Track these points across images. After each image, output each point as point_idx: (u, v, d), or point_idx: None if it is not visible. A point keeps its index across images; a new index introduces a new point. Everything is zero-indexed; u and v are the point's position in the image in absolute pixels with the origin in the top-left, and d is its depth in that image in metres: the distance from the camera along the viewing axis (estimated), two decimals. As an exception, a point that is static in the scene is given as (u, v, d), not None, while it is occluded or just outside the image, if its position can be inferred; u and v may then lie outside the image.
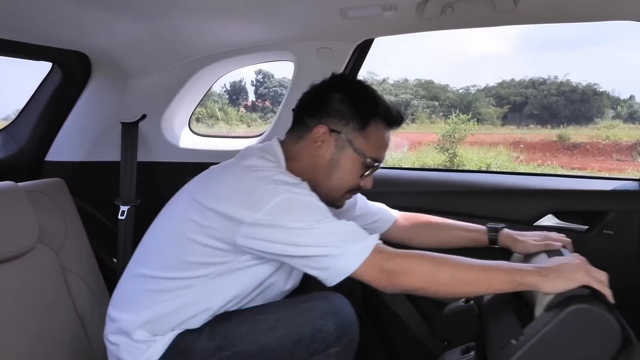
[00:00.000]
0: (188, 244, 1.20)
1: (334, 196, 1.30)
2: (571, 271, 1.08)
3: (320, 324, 1.16)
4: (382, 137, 1.29)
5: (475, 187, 1.78)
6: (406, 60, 24.41)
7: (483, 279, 1.09)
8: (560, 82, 16.15)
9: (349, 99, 1.26)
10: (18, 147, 1.95)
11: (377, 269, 1.11)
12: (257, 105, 18.06)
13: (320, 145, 1.25)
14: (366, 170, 1.28)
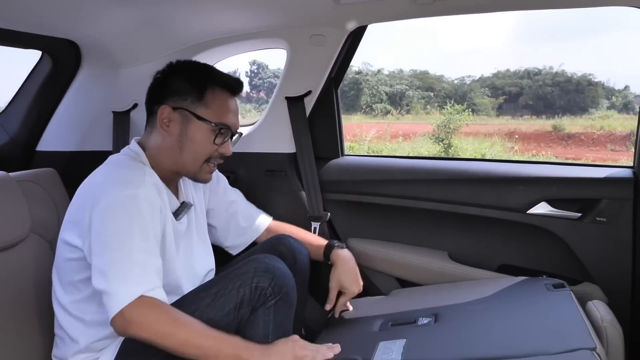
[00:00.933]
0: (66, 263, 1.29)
1: (193, 169, 1.36)
2: (285, 348, 1.19)
3: (255, 281, 1.24)
4: (224, 102, 1.35)
5: (469, 175, 1.78)
6: (401, 50, 24.35)
7: (212, 349, 1.13)
8: (555, 72, 16.16)
9: (184, 76, 1.34)
10: (9, 137, 1.93)
11: (120, 313, 1.12)
12: (251, 96, 17.99)
13: (168, 124, 1.32)
14: (218, 137, 1.33)
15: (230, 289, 1.24)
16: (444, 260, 1.79)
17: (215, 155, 1.36)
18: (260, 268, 1.26)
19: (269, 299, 1.25)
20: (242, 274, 1.26)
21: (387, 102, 16.29)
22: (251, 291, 1.24)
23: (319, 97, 1.89)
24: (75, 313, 1.27)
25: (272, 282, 1.25)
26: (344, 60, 1.88)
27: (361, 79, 16.36)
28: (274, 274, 1.26)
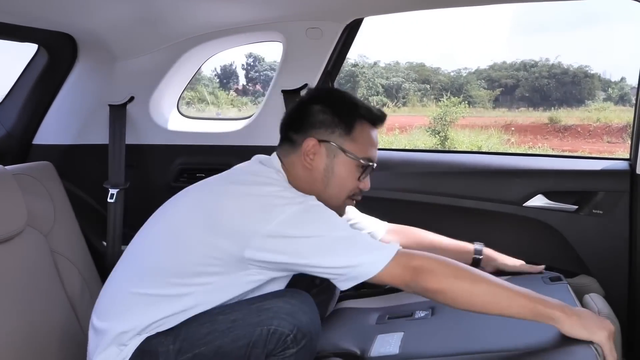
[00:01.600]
0: (192, 253, 1.19)
1: (335, 204, 1.30)
2: (594, 325, 1.07)
3: (275, 324, 1.13)
4: (369, 136, 1.31)
5: (466, 167, 1.78)
6: (397, 43, 24.29)
7: (504, 298, 1.09)
8: (551, 64, 16.16)
9: (330, 108, 1.29)
10: (5, 131, 1.93)
11: (402, 266, 1.11)
12: (247, 89, 17.95)
13: (312, 157, 1.27)
14: (362, 172, 1.30)
15: (247, 323, 1.15)
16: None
17: (357, 191, 1.32)
18: (284, 310, 1.15)
19: (290, 347, 1.14)
20: (264, 310, 1.16)
21: (383, 95, 16.28)
22: (268, 334, 1.13)
23: (316, 91, 1.88)
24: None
25: (294, 329, 1.13)
26: (340, 54, 1.88)
27: (357, 72, 16.34)
28: (298, 320, 1.14)
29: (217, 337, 1.16)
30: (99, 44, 1.81)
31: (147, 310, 1.22)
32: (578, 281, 1.63)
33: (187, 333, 1.19)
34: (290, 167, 1.30)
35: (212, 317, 1.20)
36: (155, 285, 1.22)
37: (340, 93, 1.38)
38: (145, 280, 1.24)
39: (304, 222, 1.14)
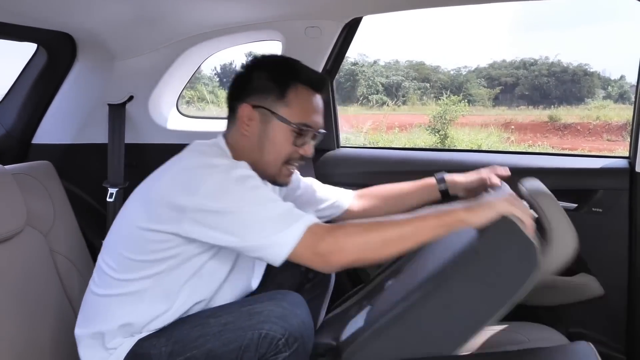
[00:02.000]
0: (138, 240, 1.20)
1: (272, 171, 1.29)
2: (495, 202, 1.11)
3: (266, 328, 1.12)
4: (307, 101, 1.27)
5: (465, 165, 1.77)
6: (397, 41, 24.26)
7: (413, 231, 1.10)
8: (551, 62, 16.13)
9: (267, 72, 1.27)
10: (5, 130, 1.93)
11: (311, 252, 1.10)
12: (247, 87, 17.90)
13: (248, 123, 1.26)
14: (299, 138, 1.27)
15: (238, 327, 1.14)
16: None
17: (296, 157, 1.29)
18: (275, 313, 1.14)
19: (282, 351, 1.12)
20: (255, 314, 1.15)
21: (383, 94, 16.25)
22: (260, 338, 1.12)
23: (315, 89, 1.88)
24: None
25: (285, 333, 1.12)
26: (340, 52, 1.88)
27: (357, 70, 16.30)
28: (289, 323, 1.13)
29: (209, 340, 1.15)
30: (98, 44, 1.81)
31: (109, 311, 1.23)
32: (577, 280, 1.63)
33: (178, 335, 1.19)
34: (233, 139, 1.29)
35: (203, 319, 1.20)
36: (106, 286, 1.24)
37: (281, 58, 1.35)
38: (100, 281, 1.26)
39: (225, 195, 1.12)
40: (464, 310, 1.08)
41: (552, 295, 1.66)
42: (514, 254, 1.06)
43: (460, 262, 1.10)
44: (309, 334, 1.17)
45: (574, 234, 1.13)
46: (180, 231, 1.14)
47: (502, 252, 1.07)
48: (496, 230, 1.07)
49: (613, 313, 1.62)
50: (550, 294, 1.67)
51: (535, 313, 1.70)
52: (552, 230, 1.12)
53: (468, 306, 1.08)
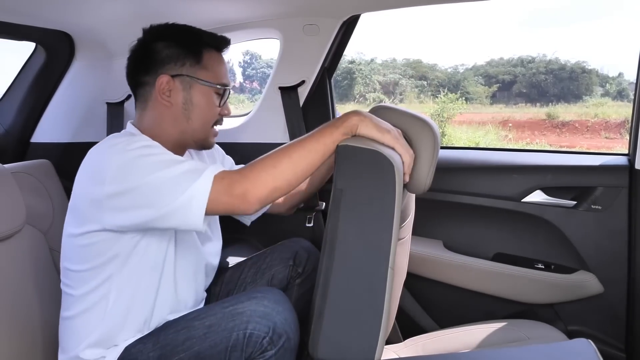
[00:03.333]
0: (75, 249, 1.19)
1: (202, 136, 1.30)
2: (384, 128, 1.13)
3: (250, 328, 1.13)
4: (219, 62, 1.31)
5: (463, 163, 1.78)
6: (394, 39, 24.25)
7: (316, 143, 1.12)
8: (548, 60, 16.16)
9: (174, 41, 1.27)
10: (3, 129, 1.92)
11: (226, 197, 1.08)
12: (244, 86, 17.91)
13: (169, 94, 1.25)
14: (221, 98, 1.30)
15: (222, 328, 1.15)
16: (438, 249, 1.80)
17: (219, 118, 1.32)
18: (257, 313, 1.15)
19: (268, 349, 1.13)
20: (237, 314, 1.16)
21: (380, 92, 16.26)
22: (245, 337, 1.13)
23: (313, 87, 1.88)
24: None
25: (269, 331, 1.13)
26: (338, 50, 1.87)
27: (354, 69, 16.31)
28: (272, 321, 1.14)
29: (195, 343, 1.16)
30: (96, 42, 1.80)
31: (78, 332, 1.22)
32: (577, 277, 1.63)
33: (164, 340, 1.19)
34: (149, 117, 1.27)
35: (188, 322, 1.20)
36: (70, 307, 1.24)
37: (180, 25, 1.34)
38: (65, 303, 1.26)
39: (130, 172, 1.09)
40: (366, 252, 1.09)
41: (550, 293, 1.67)
42: (375, 175, 1.08)
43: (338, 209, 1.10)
44: (293, 330, 1.17)
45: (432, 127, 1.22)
46: (106, 225, 1.12)
47: (365, 179, 1.09)
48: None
49: (612, 311, 1.62)
50: (549, 291, 1.67)
51: (534, 311, 1.70)
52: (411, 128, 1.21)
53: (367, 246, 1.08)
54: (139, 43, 1.31)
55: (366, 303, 1.08)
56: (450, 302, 1.81)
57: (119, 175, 1.09)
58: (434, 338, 1.60)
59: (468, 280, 1.76)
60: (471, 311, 1.78)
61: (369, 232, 1.08)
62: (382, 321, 1.08)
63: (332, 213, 1.10)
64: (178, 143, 1.29)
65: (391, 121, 1.21)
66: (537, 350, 1.09)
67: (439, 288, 1.81)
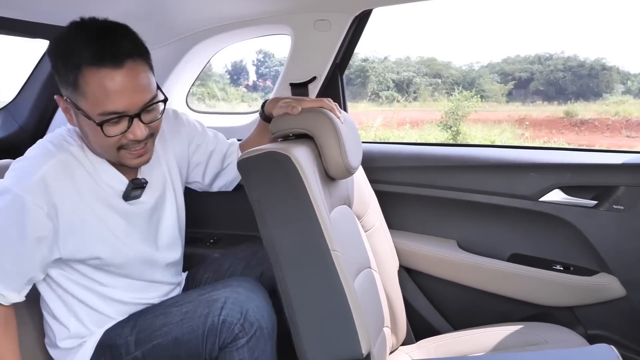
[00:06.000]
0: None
1: (113, 159, 1.17)
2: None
3: (223, 314, 1.15)
4: (98, 84, 1.03)
5: (478, 161, 1.73)
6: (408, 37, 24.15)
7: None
8: (567, 57, 15.92)
9: (55, 57, 1.07)
10: (18, 126, 1.93)
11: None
12: (258, 85, 17.94)
13: (70, 116, 1.13)
14: (109, 128, 1.07)
15: (199, 315, 1.17)
16: (452, 249, 1.75)
17: (125, 143, 1.12)
18: (231, 299, 1.17)
19: (239, 336, 1.15)
20: (213, 301, 1.18)
21: (394, 90, 16.17)
22: (218, 323, 1.15)
23: (324, 83, 1.85)
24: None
25: (241, 318, 1.15)
26: (349, 46, 1.84)
27: (367, 67, 16.24)
28: (244, 309, 1.16)
29: (172, 328, 1.18)
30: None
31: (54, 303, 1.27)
32: (597, 280, 1.58)
33: (142, 325, 1.22)
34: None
35: (165, 309, 1.23)
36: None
37: (63, 36, 1.07)
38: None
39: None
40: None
41: (569, 295, 1.62)
42: (279, 173, 1.13)
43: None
44: (266, 319, 1.19)
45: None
46: None
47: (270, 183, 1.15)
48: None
49: (635, 315, 1.56)
50: (568, 293, 1.62)
51: (552, 314, 1.65)
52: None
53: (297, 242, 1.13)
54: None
55: (328, 295, 1.10)
56: (464, 303, 1.77)
57: None
58: (448, 340, 1.57)
59: (483, 281, 1.71)
60: (486, 313, 1.73)
61: (299, 228, 1.12)
62: (350, 308, 1.09)
63: (261, 225, 1.13)
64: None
65: (290, 125, 1.30)
66: (556, 355, 1.06)
67: (452, 289, 1.76)
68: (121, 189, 1.22)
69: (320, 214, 1.11)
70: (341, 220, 1.35)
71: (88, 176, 1.18)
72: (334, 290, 1.10)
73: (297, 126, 1.30)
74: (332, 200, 1.32)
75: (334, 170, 1.28)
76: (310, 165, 1.18)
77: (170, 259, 1.37)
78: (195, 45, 1.91)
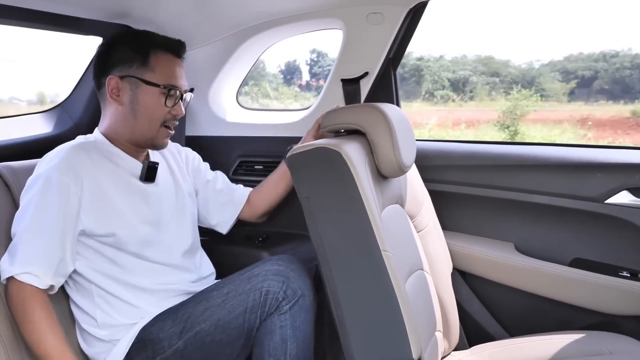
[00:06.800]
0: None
1: (150, 134, 1.38)
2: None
3: (266, 286, 1.21)
4: (169, 64, 1.38)
5: (539, 160, 1.65)
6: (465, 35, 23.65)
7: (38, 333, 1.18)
8: (634, 54, 15.13)
9: (126, 44, 1.37)
10: (73, 123, 1.98)
11: (15, 295, 1.18)
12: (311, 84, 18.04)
13: (118, 94, 1.36)
14: (169, 99, 1.36)
15: (240, 292, 1.24)
16: (509, 252, 1.67)
17: (169, 118, 1.39)
18: (272, 271, 1.24)
19: (283, 303, 1.22)
20: (253, 276, 1.25)
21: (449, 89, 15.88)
22: (261, 295, 1.21)
23: (377, 79, 1.80)
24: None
25: (283, 286, 1.22)
26: (403, 40, 1.79)
27: (422, 65, 16.00)
28: (286, 277, 1.23)
29: (215, 311, 1.22)
30: (158, 35, 1.81)
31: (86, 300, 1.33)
32: None
33: (184, 314, 1.25)
34: (107, 117, 1.40)
35: (207, 294, 1.28)
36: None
37: (136, 31, 1.49)
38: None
39: (27, 190, 1.25)
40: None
41: (637, 304, 1.51)
42: (330, 170, 1.13)
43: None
44: (308, 289, 1.25)
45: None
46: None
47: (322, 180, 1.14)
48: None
49: None
50: (636, 302, 1.51)
51: (618, 323, 1.55)
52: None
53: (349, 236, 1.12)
54: (98, 48, 1.42)
55: (378, 296, 1.08)
56: (521, 309, 1.69)
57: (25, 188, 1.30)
58: (503, 347, 1.51)
59: (542, 287, 1.63)
60: (545, 320, 1.65)
61: (349, 227, 1.10)
62: (400, 310, 1.07)
63: (310, 223, 1.13)
64: (132, 142, 1.40)
65: (342, 120, 1.29)
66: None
67: (509, 293, 1.69)
68: (138, 171, 1.40)
69: (372, 213, 1.09)
70: (393, 220, 1.31)
71: (106, 159, 1.36)
72: (385, 291, 1.08)
73: (349, 121, 1.29)
74: (384, 199, 1.30)
75: (386, 168, 1.26)
76: (361, 162, 1.17)
77: (182, 243, 1.45)
78: (245, 42, 1.91)
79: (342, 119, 1.30)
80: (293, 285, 1.22)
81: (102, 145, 1.38)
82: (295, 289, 1.22)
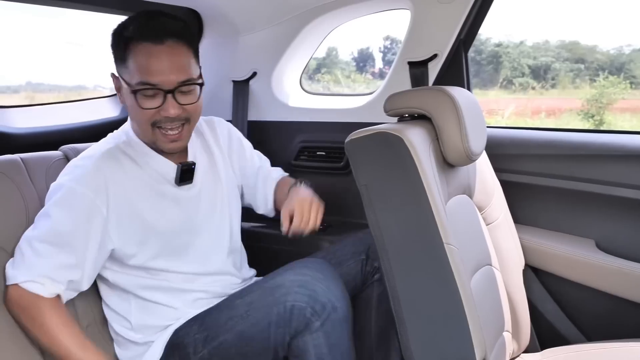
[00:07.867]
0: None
1: (147, 139, 1.24)
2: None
3: (290, 300, 1.08)
4: (143, 56, 1.13)
5: (627, 150, 1.51)
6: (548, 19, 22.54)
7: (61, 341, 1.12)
8: None
9: (111, 37, 1.19)
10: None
11: (11, 304, 1.12)
12: (384, 71, 17.86)
13: (120, 94, 1.23)
14: (142, 99, 1.15)
15: (264, 304, 1.11)
16: (590, 250, 1.55)
17: (160, 119, 1.18)
18: (296, 282, 1.10)
19: (313, 320, 1.08)
20: (276, 287, 1.11)
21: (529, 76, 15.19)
22: (285, 310, 1.08)
23: (446, 62, 1.71)
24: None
25: (310, 300, 1.07)
26: (475, 20, 1.67)
27: (501, 52, 15.39)
28: (312, 290, 1.08)
29: (237, 322, 1.13)
30: (223, 19, 1.83)
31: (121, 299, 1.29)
32: None
33: (209, 321, 1.19)
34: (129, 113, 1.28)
35: (230, 302, 1.19)
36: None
37: (125, 20, 1.19)
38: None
39: (46, 200, 1.18)
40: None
41: None
42: (390, 157, 1.08)
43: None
44: (340, 299, 1.11)
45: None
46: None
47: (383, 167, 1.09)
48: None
49: None
50: None
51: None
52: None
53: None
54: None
55: (439, 293, 1.04)
56: (601, 312, 1.58)
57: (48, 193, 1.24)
58: (579, 351, 1.42)
59: (625, 288, 1.50)
60: (628, 325, 1.53)
61: (409, 217, 1.05)
62: (464, 308, 1.01)
63: (368, 212, 1.08)
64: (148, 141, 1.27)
65: (405, 104, 1.23)
66: None
67: (587, 294, 1.57)
68: (172, 174, 1.27)
69: (435, 203, 1.04)
70: (459, 211, 1.25)
71: (136, 166, 1.24)
72: (447, 287, 1.03)
73: (413, 105, 1.23)
74: (450, 189, 1.24)
75: (452, 155, 1.19)
76: (425, 148, 1.11)
77: (220, 247, 1.36)
78: (310, 22, 1.87)
79: (405, 102, 1.24)
80: (321, 299, 1.08)
81: (133, 146, 1.26)
82: (324, 302, 1.08)
